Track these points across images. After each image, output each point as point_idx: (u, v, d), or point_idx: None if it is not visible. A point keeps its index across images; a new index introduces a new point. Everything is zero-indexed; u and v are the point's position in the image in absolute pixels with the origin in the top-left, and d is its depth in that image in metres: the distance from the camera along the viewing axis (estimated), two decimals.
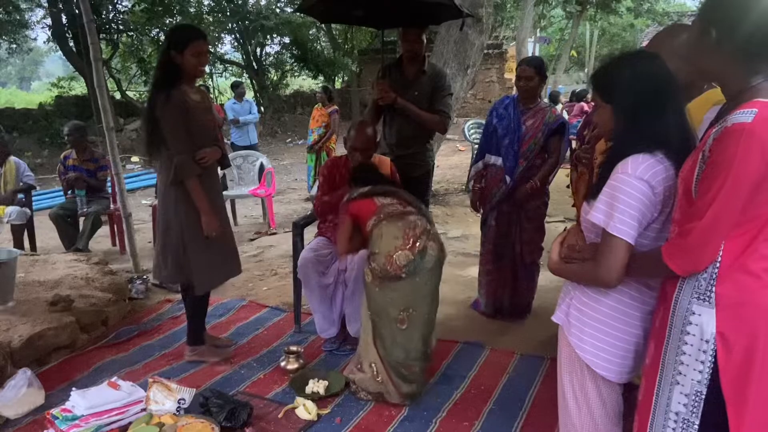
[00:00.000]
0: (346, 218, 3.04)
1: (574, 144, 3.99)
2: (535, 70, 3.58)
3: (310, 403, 2.77)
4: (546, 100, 3.73)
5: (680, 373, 1.50)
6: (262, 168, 7.08)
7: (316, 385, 2.93)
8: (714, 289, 1.44)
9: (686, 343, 1.48)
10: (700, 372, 1.46)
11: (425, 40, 3.77)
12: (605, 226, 1.61)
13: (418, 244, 2.75)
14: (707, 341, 1.44)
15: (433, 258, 2.80)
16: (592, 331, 1.76)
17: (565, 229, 1.92)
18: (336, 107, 8.04)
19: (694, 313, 1.47)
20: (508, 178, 3.66)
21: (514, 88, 3.78)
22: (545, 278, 3.91)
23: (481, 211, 3.89)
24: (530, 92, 3.63)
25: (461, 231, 6.06)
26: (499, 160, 3.70)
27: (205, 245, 3.13)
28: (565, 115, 10.00)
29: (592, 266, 1.67)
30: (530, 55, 20.02)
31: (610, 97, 1.70)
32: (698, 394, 1.47)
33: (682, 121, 1.68)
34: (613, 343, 1.74)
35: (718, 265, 1.44)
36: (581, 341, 1.78)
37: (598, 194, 1.68)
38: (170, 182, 3.05)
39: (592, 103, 3.23)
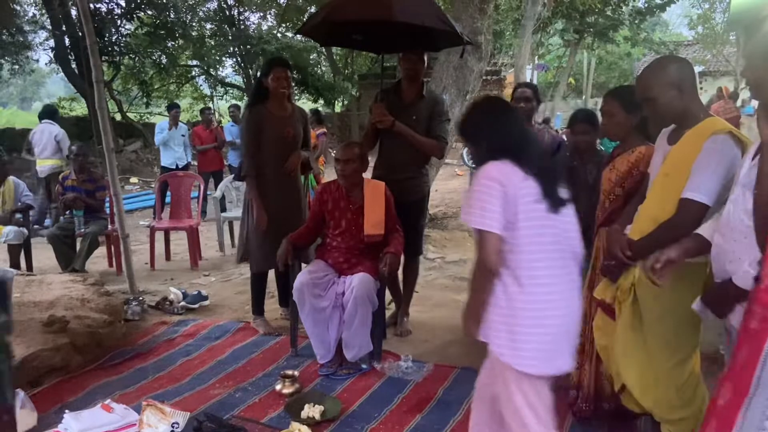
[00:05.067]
0: None
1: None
2: (533, 93, 3.71)
3: (305, 429, 2.73)
4: None
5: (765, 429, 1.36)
6: None
7: (312, 410, 2.90)
8: None
9: None
10: None
11: (426, 62, 3.82)
12: (473, 224, 1.89)
13: None
14: None
15: None
16: (504, 334, 1.93)
17: None
18: (324, 130, 8.13)
19: None
20: None
21: None
22: None
23: None
24: (528, 114, 3.70)
25: (459, 255, 6.04)
26: None
27: (263, 233, 3.80)
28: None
29: (477, 262, 1.93)
30: (528, 81, 20.17)
31: (466, 137, 2.15)
32: None
33: (523, 135, 2.05)
34: (525, 339, 1.90)
35: None
36: (500, 347, 1.95)
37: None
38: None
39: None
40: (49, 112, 8.06)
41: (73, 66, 14.34)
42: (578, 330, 2.02)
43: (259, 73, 4.38)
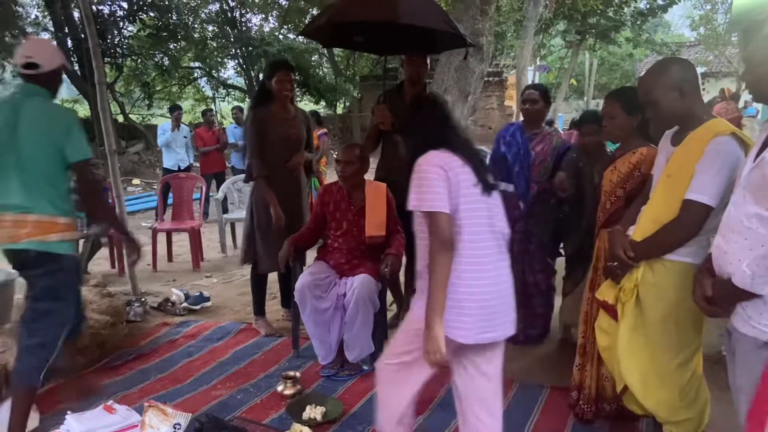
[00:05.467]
0: None
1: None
2: (540, 94, 3.66)
3: (307, 430, 2.74)
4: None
5: None
6: None
7: (314, 411, 2.91)
8: None
9: None
10: None
11: (429, 64, 3.83)
12: (423, 208, 1.98)
13: None
14: None
15: None
16: (451, 310, 1.98)
17: None
18: (325, 130, 8.17)
19: None
20: (521, 204, 3.67)
21: (515, 115, 3.85)
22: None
23: None
24: (536, 116, 3.68)
25: None
26: (510, 187, 3.67)
27: (268, 233, 3.81)
28: None
29: (432, 244, 1.97)
30: (530, 82, 20.20)
31: (406, 133, 2.33)
32: None
33: (453, 126, 2.22)
34: (468, 313, 1.99)
35: None
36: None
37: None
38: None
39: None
40: None
41: (76, 68, 14.35)
42: (512, 303, 2.12)
43: (261, 75, 4.38)
